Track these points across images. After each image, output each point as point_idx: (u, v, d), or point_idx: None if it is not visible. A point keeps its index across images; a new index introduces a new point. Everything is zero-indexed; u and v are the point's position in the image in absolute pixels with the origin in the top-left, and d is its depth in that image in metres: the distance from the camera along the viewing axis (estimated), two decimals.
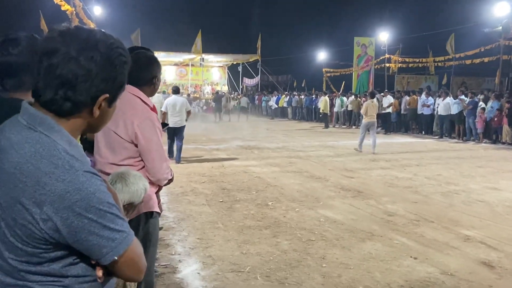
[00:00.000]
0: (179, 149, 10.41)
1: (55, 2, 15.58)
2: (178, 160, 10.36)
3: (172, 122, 10.11)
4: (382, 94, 20.55)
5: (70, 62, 1.09)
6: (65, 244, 1.08)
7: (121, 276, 1.19)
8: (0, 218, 1.08)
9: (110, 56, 1.14)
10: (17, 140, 1.10)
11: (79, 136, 1.21)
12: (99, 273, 1.16)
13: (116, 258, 1.11)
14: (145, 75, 2.64)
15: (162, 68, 3.05)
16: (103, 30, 1.19)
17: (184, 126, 10.38)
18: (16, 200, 1.05)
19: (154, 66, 2.69)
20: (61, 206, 1.04)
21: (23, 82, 1.79)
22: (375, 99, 13.15)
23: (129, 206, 2.04)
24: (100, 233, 1.08)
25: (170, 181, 2.77)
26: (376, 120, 12.49)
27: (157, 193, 2.77)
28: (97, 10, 28.49)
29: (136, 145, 2.53)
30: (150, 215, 2.64)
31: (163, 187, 2.83)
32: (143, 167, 2.59)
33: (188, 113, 10.45)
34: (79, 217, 1.05)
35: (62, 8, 17.09)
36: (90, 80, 1.11)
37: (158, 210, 2.74)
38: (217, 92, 28.28)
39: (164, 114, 10.15)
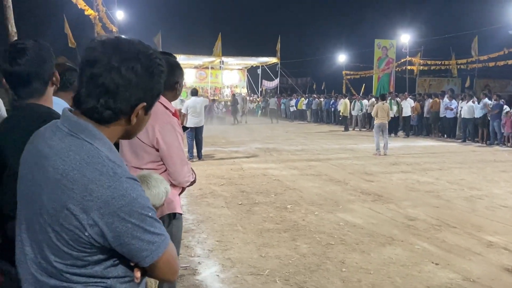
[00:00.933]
0: (200, 148, 11.25)
1: (79, 7, 15.87)
2: (200, 156, 11.25)
3: (193, 123, 10.77)
4: (403, 96, 20.30)
5: (112, 72, 1.12)
6: (107, 248, 1.12)
7: (157, 277, 1.23)
8: (47, 223, 1.11)
9: (150, 66, 1.17)
10: (61, 148, 1.13)
11: None
12: (137, 274, 1.21)
13: (155, 260, 1.15)
14: (167, 81, 2.68)
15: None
16: (141, 40, 1.22)
17: (203, 126, 11.19)
18: (63, 206, 1.08)
19: (176, 71, 2.73)
20: (106, 212, 1.07)
21: (34, 89, 1.84)
22: (385, 102, 13.10)
23: None
24: (141, 236, 1.12)
25: (193, 182, 2.81)
26: (387, 122, 12.48)
27: (179, 194, 2.82)
28: (120, 15, 28.97)
29: (157, 150, 2.58)
30: (173, 216, 2.69)
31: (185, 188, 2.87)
32: (166, 170, 2.64)
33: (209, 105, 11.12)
34: (123, 222, 1.09)
35: (86, 13, 17.41)
36: (130, 89, 1.15)
37: (180, 211, 2.78)
38: (233, 95, 28.28)
39: (184, 116, 10.26)
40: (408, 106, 19.19)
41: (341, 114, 22.81)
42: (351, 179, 8.77)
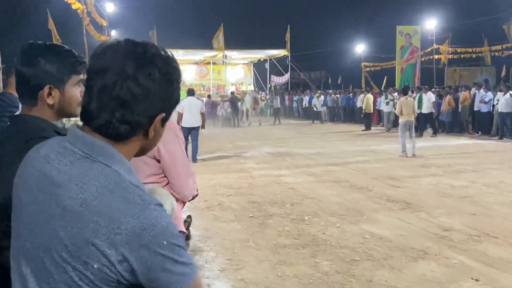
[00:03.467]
0: (195, 149, 11.75)
1: (65, 0, 16.01)
2: (195, 160, 11.73)
3: (188, 122, 11.32)
4: (424, 89, 20.00)
5: (127, 81, 1.10)
6: (133, 283, 1.11)
7: None
8: (66, 261, 1.08)
9: (168, 72, 1.15)
10: (76, 173, 1.11)
11: None
12: None
13: None
14: None
15: (181, 68, 3.12)
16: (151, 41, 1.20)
17: (199, 126, 11.67)
18: (88, 242, 1.06)
19: None
20: (136, 245, 1.05)
21: (22, 96, 1.82)
22: (409, 96, 13.07)
23: None
24: (172, 269, 1.10)
25: (195, 196, 2.81)
26: (414, 119, 12.47)
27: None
28: (110, 7, 29.15)
29: (158, 161, 2.57)
30: None
31: (186, 203, 2.87)
32: (168, 183, 2.64)
33: (202, 115, 11.74)
34: (153, 255, 1.06)
35: (73, 7, 17.56)
36: (149, 99, 1.13)
37: (184, 230, 2.78)
38: (232, 93, 28.09)
39: (180, 115, 11.33)
40: (427, 101, 18.87)
41: (363, 111, 22.65)
42: (375, 185, 8.74)
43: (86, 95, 1.15)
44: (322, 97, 29.33)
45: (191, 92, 12.31)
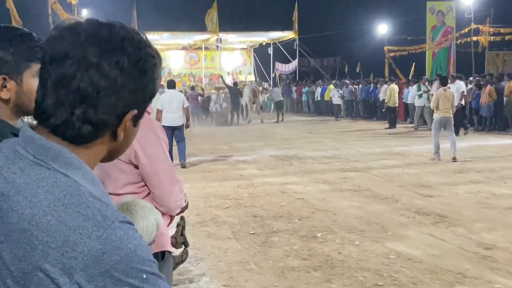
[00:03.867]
0: (183, 151, 12.06)
1: None
2: (183, 160, 12.10)
3: (169, 120, 11.56)
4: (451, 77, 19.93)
5: (89, 70, 1.08)
6: None
7: None
8: None
9: (139, 59, 1.14)
10: (25, 183, 1.09)
11: None
12: None
13: None
14: None
15: (167, 54, 3.11)
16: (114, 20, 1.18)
17: (183, 124, 11.98)
18: (35, 267, 1.04)
19: None
20: (96, 272, 1.03)
21: None
22: (448, 87, 13.02)
23: None
24: None
25: (185, 208, 2.81)
26: (452, 115, 12.45)
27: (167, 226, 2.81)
28: None
29: (136, 166, 2.57)
30: (162, 256, 2.68)
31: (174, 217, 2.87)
32: (149, 193, 2.63)
33: (186, 110, 12.12)
34: (118, 284, 1.04)
35: None
36: (116, 92, 1.11)
37: (171, 249, 2.78)
38: (235, 84, 27.96)
39: (159, 113, 11.55)
40: (456, 91, 18.69)
41: (385, 104, 22.62)
42: (402, 195, 8.75)
43: (39, 88, 1.13)
44: (320, 89, 29.39)
45: (171, 85, 12.70)
